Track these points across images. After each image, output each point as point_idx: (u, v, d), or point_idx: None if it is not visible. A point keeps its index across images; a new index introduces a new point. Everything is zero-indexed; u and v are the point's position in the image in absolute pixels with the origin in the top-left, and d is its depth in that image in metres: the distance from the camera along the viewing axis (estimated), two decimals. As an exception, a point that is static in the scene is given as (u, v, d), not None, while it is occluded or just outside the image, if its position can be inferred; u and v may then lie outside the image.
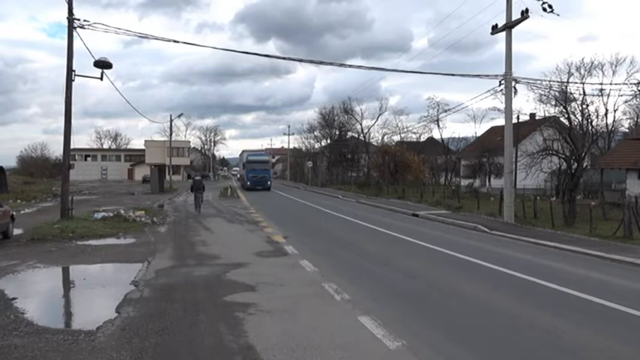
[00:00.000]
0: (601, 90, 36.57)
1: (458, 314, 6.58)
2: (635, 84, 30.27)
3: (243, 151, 56.95)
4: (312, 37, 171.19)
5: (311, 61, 70.88)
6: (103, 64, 17.13)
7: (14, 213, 14.79)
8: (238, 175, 73.13)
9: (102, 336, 5.45)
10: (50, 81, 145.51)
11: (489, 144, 40.48)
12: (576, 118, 25.64)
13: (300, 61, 74.43)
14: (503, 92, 18.88)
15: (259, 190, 44.09)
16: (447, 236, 14.96)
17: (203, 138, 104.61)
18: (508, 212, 18.71)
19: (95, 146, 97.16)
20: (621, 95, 55.12)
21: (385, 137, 59.50)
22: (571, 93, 28.71)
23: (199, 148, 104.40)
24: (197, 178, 26.35)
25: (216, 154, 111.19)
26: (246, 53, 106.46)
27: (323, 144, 71.25)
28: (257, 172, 46.29)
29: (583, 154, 20.60)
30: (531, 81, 23.85)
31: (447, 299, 7.43)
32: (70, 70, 16.45)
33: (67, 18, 16.22)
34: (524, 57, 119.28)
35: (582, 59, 50.08)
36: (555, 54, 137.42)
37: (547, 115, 30.19)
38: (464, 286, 8.27)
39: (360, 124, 62.36)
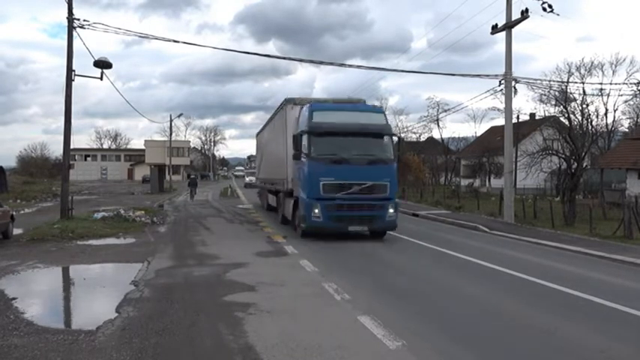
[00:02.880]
0: (601, 90, 36.67)
1: (458, 314, 6.58)
2: (635, 84, 30.31)
3: (285, 102, 15.67)
4: (312, 38, 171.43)
5: (311, 61, 70.62)
6: (102, 64, 17.14)
7: (14, 213, 14.78)
8: (251, 179, 42.24)
9: (102, 336, 5.44)
10: (51, 81, 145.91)
11: (489, 144, 40.50)
12: (576, 117, 25.59)
13: (301, 61, 73.95)
14: (503, 92, 18.87)
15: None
16: (447, 236, 14.95)
17: (203, 138, 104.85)
18: (508, 212, 18.71)
19: (95, 146, 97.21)
20: (621, 95, 55.27)
21: (385, 137, 59.23)
22: (571, 93, 28.79)
23: (199, 148, 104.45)
24: (192, 176, 38.66)
25: (216, 154, 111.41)
26: (246, 53, 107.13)
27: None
28: (353, 170, 12.90)
29: (583, 153, 20.61)
30: (531, 81, 23.88)
31: (448, 299, 7.42)
32: (69, 70, 16.46)
33: (67, 18, 16.23)
34: (524, 57, 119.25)
35: (582, 59, 50.36)
36: (555, 54, 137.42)
37: (547, 115, 30.21)
38: (464, 286, 8.26)
39: (361, 124, 61.85)
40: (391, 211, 13.23)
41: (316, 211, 12.70)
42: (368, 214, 13.01)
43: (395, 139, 14.20)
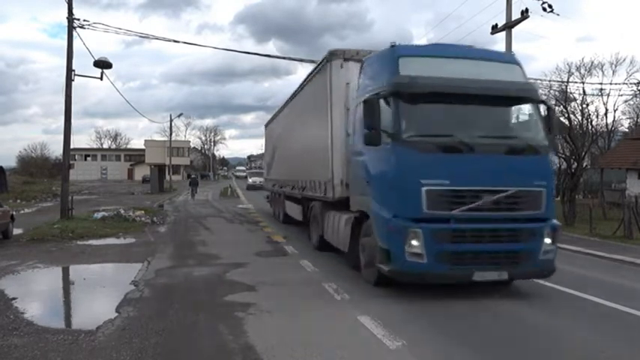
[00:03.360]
0: (601, 90, 36.59)
1: (456, 314, 6.57)
2: (635, 84, 30.42)
3: (330, 56, 9.55)
4: (312, 38, 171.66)
5: (311, 61, 69.26)
6: (102, 64, 17.17)
7: (14, 213, 14.78)
8: (255, 180, 40.21)
9: (102, 336, 5.44)
10: (51, 81, 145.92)
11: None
12: (576, 117, 25.61)
13: (301, 60, 73.33)
14: (504, 92, 18.84)
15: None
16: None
17: (203, 138, 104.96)
18: (508, 212, 18.65)
19: (95, 146, 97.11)
20: (621, 95, 55.28)
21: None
22: (571, 93, 28.72)
23: (199, 148, 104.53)
24: (193, 176, 40.93)
25: (216, 154, 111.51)
26: (246, 53, 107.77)
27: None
28: (480, 164, 6.88)
29: (583, 153, 20.61)
30: (531, 80, 23.88)
31: (446, 299, 7.40)
32: (69, 70, 16.48)
33: (67, 18, 16.27)
34: (524, 57, 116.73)
35: (582, 59, 50.15)
36: (555, 54, 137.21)
37: (547, 114, 30.09)
38: (463, 286, 8.23)
39: (361, 124, 61.66)
40: (547, 241, 7.27)
41: (415, 243, 6.77)
42: (508, 250, 7.07)
43: (544, 108, 7.83)
